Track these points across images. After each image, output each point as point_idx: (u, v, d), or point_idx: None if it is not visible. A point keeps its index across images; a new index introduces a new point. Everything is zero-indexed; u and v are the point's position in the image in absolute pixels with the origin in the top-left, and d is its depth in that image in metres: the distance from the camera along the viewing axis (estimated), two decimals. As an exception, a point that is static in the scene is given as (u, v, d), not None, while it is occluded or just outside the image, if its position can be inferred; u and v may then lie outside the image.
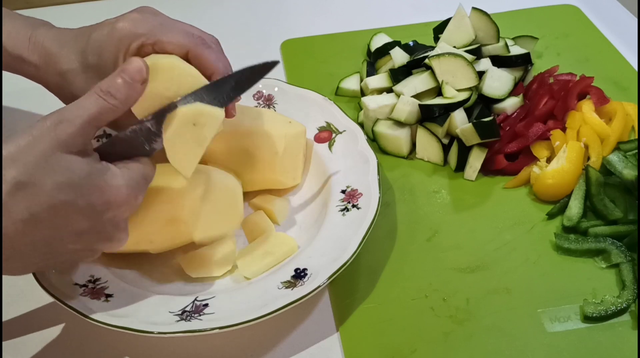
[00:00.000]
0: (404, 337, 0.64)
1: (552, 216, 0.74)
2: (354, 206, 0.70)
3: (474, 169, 0.79)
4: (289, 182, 0.76)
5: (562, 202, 0.75)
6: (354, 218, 0.68)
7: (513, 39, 0.93)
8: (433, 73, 0.82)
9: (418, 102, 0.80)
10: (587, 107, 0.82)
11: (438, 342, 0.63)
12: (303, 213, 0.75)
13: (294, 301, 0.60)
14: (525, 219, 0.74)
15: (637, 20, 1.06)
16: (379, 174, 0.71)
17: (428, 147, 0.81)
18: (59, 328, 0.66)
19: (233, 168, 0.72)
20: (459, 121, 0.79)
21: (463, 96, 0.81)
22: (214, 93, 0.61)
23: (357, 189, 0.71)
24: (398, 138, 0.81)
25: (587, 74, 0.86)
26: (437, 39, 0.91)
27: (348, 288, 0.68)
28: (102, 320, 0.59)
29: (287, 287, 0.63)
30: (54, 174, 0.51)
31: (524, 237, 0.73)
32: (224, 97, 0.62)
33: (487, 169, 0.79)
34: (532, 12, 1.07)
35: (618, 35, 1.02)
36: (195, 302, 0.62)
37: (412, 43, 0.93)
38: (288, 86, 0.83)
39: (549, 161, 0.77)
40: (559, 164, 0.75)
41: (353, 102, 0.91)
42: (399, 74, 0.86)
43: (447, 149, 0.81)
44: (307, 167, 0.78)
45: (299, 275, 0.64)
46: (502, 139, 0.79)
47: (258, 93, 0.83)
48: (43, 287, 0.61)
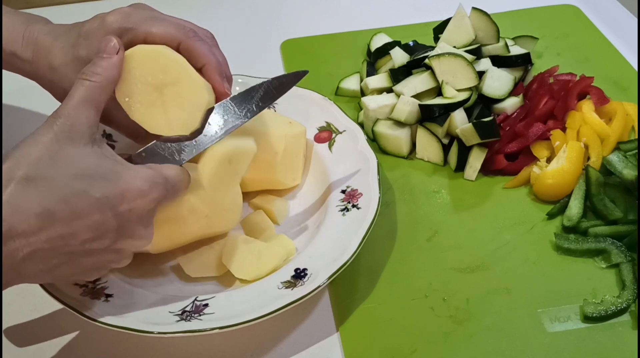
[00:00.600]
0: (404, 337, 0.64)
1: (552, 216, 0.74)
2: (354, 206, 0.70)
3: (474, 169, 0.79)
4: (289, 182, 0.76)
5: (562, 202, 0.75)
6: (354, 218, 0.68)
7: (513, 39, 0.93)
8: (433, 73, 0.82)
9: (418, 102, 0.80)
10: (587, 107, 0.82)
11: (438, 342, 0.63)
12: (303, 213, 0.75)
13: (294, 301, 0.60)
14: (525, 219, 0.74)
15: (637, 20, 1.06)
16: (379, 174, 0.71)
17: (428, 147, 0.81)
18: (59, 328, 0.66)
19: (233, 168, 0.72)
20: (459, 121, 0.79)
21: (463, 96, 0.81)
22: (243, 104, 0.63)
23: (357, 189, 0.71)
24: (398, 138, 0.81)
25: (587, 74, 0.86)
26: (437, 39, 0.91)
27: (348, 288, 0.68)
28: (102, 320, 0.59)
29: (287, 287, 0.62)
30: (63, 167, 0.51)
31: (524, 237, 0.73)
32: (253, 107, 0.63)
33: (487, 169, 0.79)
34: (532, 12, 1.07)
35: (618, 36, 1.02)
36: (195, 302, 0.62)
37: (412, 43, 0.93)
38: (288, 85, 0.83)
39: (549, 161, 0.77)
40: (559, 164, 0.75)
41: (353, 102, 0.91)
42: (399, 74, 0.86)
43: (447, 149, 0.81)
44: (307, 167, 0.78)
45: (299, 275, 0.64)
46: (502, 139, 0.79)
47: (258, 93, 0.83)
48: (43, 287, 0.61)
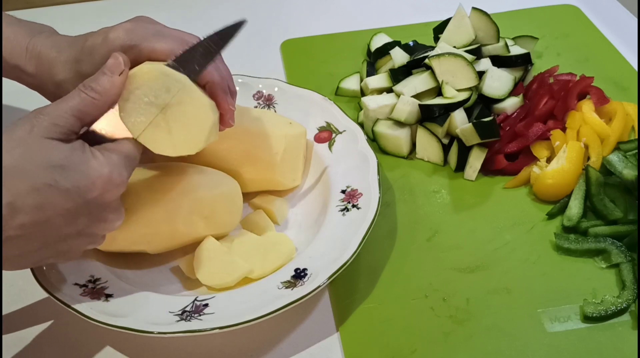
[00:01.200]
0: (404, 337, 0.64)
1: (552, 216, 0.74)
2: (354, 206, 0.70)
3: (474, 169, 0.79)
4: (289, 183, 0.76)
5: (562, 202, 0.75)
6: (354, 218, 0.68)
7: (513, 39, 0.93)
8: (433, 73, 0.82)
9: (418, 102, 0.80)
10: (587, 107, 0.82)
11: (438, 342, 0.63)
12: (303, 213, 0.75)
13: (294, 301, 0.60)
14: (525, 219, 0.74)
15: (637, 20, 1.06)
16: (379, 174, 0.71)
17: (428, 147, 0.81)
18: (59, 328, 0.66)
19: (233, 169, 0.72)
20: (459, 121, 0.79)
21: (463, 96, 0.81)
22: (185, 65, 0.61)
23: (357, 189, 0.71)
24: (398, 138, 0.81)
25: (587, 74, 0.86)
26: (437, 39, 0.91)
27: (348, 288, 0.68)
28: (102, 320, 0.59)
29: (287, 287, 0.62)
30: (35, 157, 0.52)
31: (524, 237, 0.73)
32: (195, 66, 0.61)
33: (487, 169, 0.79)
34: (532, 12, 1.07)
35: (618, 36, 1.02)
36: (195, 302, 0.62)
37: (412, 43, 0.93)
38: (288, 86, 0.83)
39: (549, 161, 0.77)
40: (559, 164, 0.75)
41: (353, 102, 0.91)
42: (399, 74, 0.86)
43: (447, 149, 0.81)
44: (307, 168, 0.78)
45: (299, 275, 0.64)
46: (502, 139, 0.79)
47: (258, 93, 0.83)
48: (43, 287, 0.61)
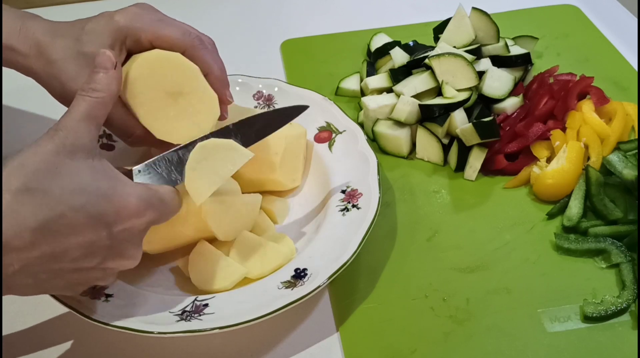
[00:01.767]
0: (404, 337, 0.64)
1: (552, 216, 0.74)
2: (354, 206, 0.70)
3: (474, 169, 0.79)
4: (289, 184, 0.76)
5: (562, 202, 0.75)
6: (354, 218, 0.68)
7: (513, 39, 0.93)
8: (433, 73, 0.82)
9: (418, 102, 0.80)
10: (587, 107, 0.82)
11: (438, 342, 0.63)
12: (303, 213, 0.75)
13: (294, 301, 0.60)
14: (525, 219, 0.74)
15: (637, 20, 1.06)
16: (379, 174, 0.71)
17: (428, 147, 0.81)
18: (59, 328, 0.66)
19: (233, 168, 0.72)
20: (459, 121, 0.79)
21: (463, 96, 0.81)
22: (243, 130, 0.63)
23: (357, 189, 0.71)
24: (398, 138, 0.81)
25: (587, 74, 0.86)
26: (437, 39, 0.91)
27: (348, 288, 0.68)
28: (102, 320, 0.59)
29: (287, 287, 0.62)
30: (61, 181, 0.50)
31: (524, 237, 0.73)
32: (253, 136, 0.63)
33: (487, 169, 0.79)
34: (532, 12, 1.07)
35: (618, 35, 1.02)
36: (195, 302, 0.62)
37: (412, 43, 0.93)
38: (288, 86, 0.83)
39: (549, 161, 0.77)
40: (559, 164, 0.75)
41: (353, 102, 0.91)
42: (399, 74, 0.86)
43: (447, 149, 0.81)
44: (307, 168, 0.78)
45: (299, 275, 0.64)
46: (502, 139, 0.79)
47: (258, 93, 0.83)
48: (43, 287, 0.61)
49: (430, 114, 0.80)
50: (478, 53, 0.86)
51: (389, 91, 0.86)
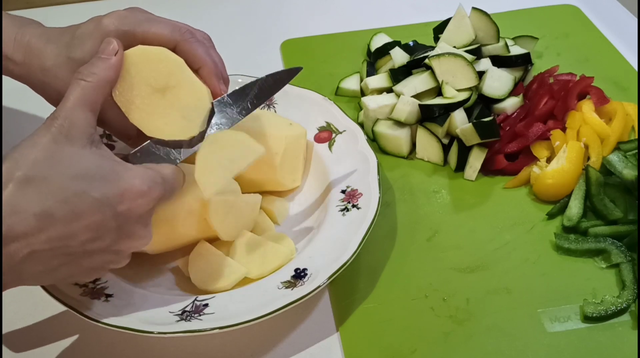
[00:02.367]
0: (404, 337, 0.64)
1: (552, 216, 0.74)
2: (354, 206, 0.70)
3: (474, 169, 0.79)
4: (289, 184, 0.76)
5: (562, 202, 0.75)
6: (354, 218, 0.68)
7: (513, 39, 0.93)
8: (433, 73, 0.82)
9: (418, 102, 0.80)
10: (587, 107, 0.82)
11: (438, 342, 0.63)
12: (303, 213, 0.75)
13: (294, 301, 0.60)
14: (525, 219, 0.74)
15: (637, 20, 1.06)
16: (379, 174, 0.71)
17: (428, 147, 0.81)
18: (59, 328, 0.66)
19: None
20: (459, 121, 0.79)
21: (463, 96, 0.81)
22: (239, 102, 0.63)
23: (357, 189, 0.71)
24: (398, 138, 0.81)
25: (587, 74, 0.86)
26: (437, 39, 0.91)
27: (348, 288, 0.68)
28: (102, 320, 0.59)
29: (287, 287, 0.62)
30: (62, 167, 0.51)
31: (524, 237, 0.73)
32: (248, 105, 0.63)
33: (487, 169, 0.79)
34: (532, 12, 1.07)
35: (618, 35, 1.02)
36: (195, 302, 0.62)
37: (412, 43, 0.93)
38: (288, 86, 0.82)
39: (549, 161, 0.77)
40: (559, 164, 0.75)
41: (353, 102, 0.91)
42: (399, 74, 0.86)
43: (447, 149, 0.81)
44: (307, 168, 0.78)
45: (299, 275, 0.64)
46: (502, 139, 0.79)
47: (258, 93, 0.83)
48: (43, 287, 0.61)
49: (430, 114, 0.80)
50: (478, 53, 0.86)
51: (389, 91, 0.86)
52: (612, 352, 0.62)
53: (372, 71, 0.92)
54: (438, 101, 0.81)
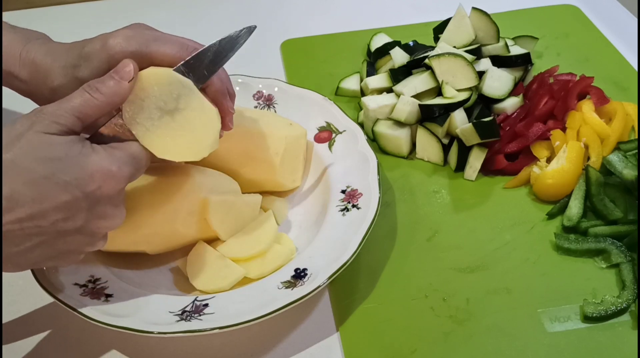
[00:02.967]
0: (404, 337, 0.64)
1: (552, 216, 0.74)
2: (354, 206, 0.70)
3: (474, 169, 0.79)
4: (289, 184, 0.76)
5: (562, 202, 0.75)
6: (354, 218, 0.68)
7: (513, 39, 0.93)
8: (433, 73, 0.82)
9: (418, 102, 0.80)
10: (587, 107, 0.82)
11: (438, 342, 0.63)
12: (303, 213, 0.75)
13: (294, 301, 0.60)
14: (525, 219, 0.74)
15: (637, 20, 1.06)
16: (379, 174, 0.71)
17: (428, 147, 0.81)
18: (59, 328, 0.66)
19: (233, 169, 0.72)
20: (459, 121, 0.79)
21: (463, 96, 0.81)
22: (196, 69, 0.61)
23: (357, 189, 0.71)
24: (398, 138, 0.81)
25: (587, 74, 0.86)
26: (437, 39, 0.91)
27: (348, 288, 0.68)
28: (102, 320, 0.59)
29: (287, 287, 0.63)
30: (32, 151, 0.51)
31: (524, 237, 0.73)
32: (204, 72, 0.62)
33: (487, 169, 0.79)
34: (532, 12, 1.07)
35: (618, 35, 1.02)
36: (195, 302, 0.62)
37: (412, 43, 0.93)
38: (288, 86, 0.83)
39: (549, 161, 0.78)
40: (559, 164, 0.75)
41: (353, 102, 0.91)
42: (399, 74, 0.86)
43: (447, 149, 0.81)
44: (307, 168, 0.78)
45: (299, 275, 0.64)
46: (502, 139, 0.79)
47: (258, 93, 0.83)
48: (43, 287, 0.61)
49: (430, 114, 0.80)
50: (478, 53, 0.86)
51: (389, 91, 0.86)
52: (612, 352, 0.62)
53: (372, 71, 0.92)
54: (438, 101, 0.81)
